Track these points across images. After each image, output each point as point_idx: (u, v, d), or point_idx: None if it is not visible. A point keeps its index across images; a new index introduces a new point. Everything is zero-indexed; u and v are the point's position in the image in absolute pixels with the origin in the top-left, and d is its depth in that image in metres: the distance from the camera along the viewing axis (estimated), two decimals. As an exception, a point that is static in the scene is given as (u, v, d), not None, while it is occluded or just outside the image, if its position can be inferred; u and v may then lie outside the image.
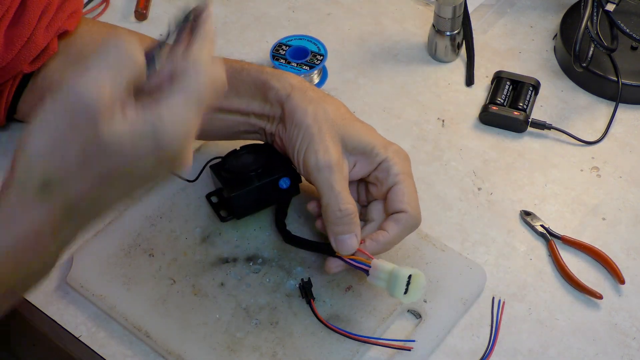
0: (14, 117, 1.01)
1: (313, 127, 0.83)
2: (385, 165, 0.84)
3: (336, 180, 0.82)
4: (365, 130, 0.86)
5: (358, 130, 0.85)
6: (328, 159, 0.82)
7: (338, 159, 0.82)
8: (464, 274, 0.89)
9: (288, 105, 0.85)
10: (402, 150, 0.86)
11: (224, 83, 0.67)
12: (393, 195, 0.84)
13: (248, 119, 0.89)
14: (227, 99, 0.88)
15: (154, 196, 0.96)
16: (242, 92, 0.88)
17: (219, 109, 0.89)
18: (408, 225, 0.84)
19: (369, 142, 0.85)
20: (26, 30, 0.90)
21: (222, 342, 0.85)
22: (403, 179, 0.84)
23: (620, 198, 0.98)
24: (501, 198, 0.98)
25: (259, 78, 0.87)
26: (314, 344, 0.84)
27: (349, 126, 0.85)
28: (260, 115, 0.88)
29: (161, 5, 1.20)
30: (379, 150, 0.84)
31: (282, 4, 1.20)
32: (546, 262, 0.92)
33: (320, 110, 0.84)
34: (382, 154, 0.84)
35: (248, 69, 0.89)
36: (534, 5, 1.19)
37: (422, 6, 1.19)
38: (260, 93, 0.87)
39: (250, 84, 0.88)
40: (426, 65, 1.12)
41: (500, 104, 1.05)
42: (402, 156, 0.85)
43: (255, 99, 0.88)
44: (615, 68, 1.06)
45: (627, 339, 0.86)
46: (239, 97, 0.88)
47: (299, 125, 0.84)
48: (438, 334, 0.85)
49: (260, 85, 0.87)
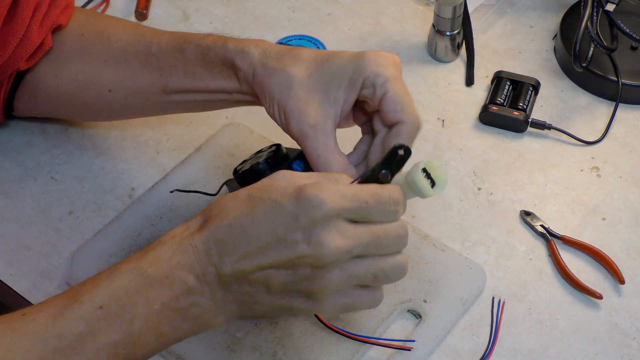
0: (12, 115, 1.01)
1: (281, 100, 0.81)
2: (368, 82, 0.79)
3: (315, 144, 0.79)
4: (334, 61, 0.81)
5: (328, 68, 0.81)
6: (302, 124, 0.80)
7: (315, 120, 0.80)
8: (464, 274, 0.89)
9: (256, 87, 0.83)
10: (377, 55, 0.80)
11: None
12: (385, 106, 0.79)
13: (229, 95, 0.88)
14: (203, 80, 0.88)
15: (153, 196, 0.96)
16: (215, 72, 0.87)
17: (198, 90, 0.88)
18: (409, 133, 0.80)
19: (342, 71, 0.80)
20: (20, 28, 0.90)
21: (222, 342, 0.84)
22: (390, 85, 0.79)
23: (620, 198, 0.98)
24: (501, 198, 0.98)
25: (225, 57, 0.85)
26: (314, 344, 0.84)
27: (316, 72, 0.81)
28: (240, 91, 0.87)
29: (161, 5, 1.20)
30: (354, 71, 0.80)
31: (282, 4, 1.20)
32: (546, 262, 0.92)
33: (283, 79, 0.81)
34: (359, 74, 0.80)
35: (213, 47, 0.86)
36: (534, 5, 1.19)
37: (422, 6, 1.19)
38: (232, 73, 0.86)
39: (219, 65, 0.86)
40: (426, 65, 1.12)
41: (500, 104, 1.05)
42: (380, 61, 0.80)
43: (228, 78, 0.86)
44: (615, 68, 1.06)
45: (627, 339, 0.86)
46: (214, 78, 0.87)
47: (271, 103, 0.82)
48: (438, 334, 0.85)
49: (229, 66, 0.85)
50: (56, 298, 0.71)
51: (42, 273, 0.92)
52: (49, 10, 0.92)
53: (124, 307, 0.69)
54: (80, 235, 0.95)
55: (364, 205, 0.69)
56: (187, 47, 0.88)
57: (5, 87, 0.95)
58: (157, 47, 0.90)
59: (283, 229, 0.68)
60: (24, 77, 0.96)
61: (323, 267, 0.69)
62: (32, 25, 0.91)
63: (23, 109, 0.99)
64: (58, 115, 1.02)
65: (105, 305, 0.69)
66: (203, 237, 0.70)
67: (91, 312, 0.69)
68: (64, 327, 0.68)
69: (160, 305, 0.70)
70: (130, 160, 1.02)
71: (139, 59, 0.91)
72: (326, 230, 0.68)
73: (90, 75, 0.94)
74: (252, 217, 0.69)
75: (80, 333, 0.68)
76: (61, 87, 0.95)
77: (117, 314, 0.69)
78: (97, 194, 0.99)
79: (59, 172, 1.01)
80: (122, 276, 0.70)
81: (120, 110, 0.96)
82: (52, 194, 0.99)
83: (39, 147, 1.03)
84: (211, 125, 1.05)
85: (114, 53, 0.93)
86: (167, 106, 0.93)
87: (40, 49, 0.93)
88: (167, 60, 0.89)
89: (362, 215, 0.70)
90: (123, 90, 0.93)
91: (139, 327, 0.69)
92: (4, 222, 0.96)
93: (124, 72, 0.92)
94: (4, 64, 0.91)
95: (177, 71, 0.89)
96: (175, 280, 0.70)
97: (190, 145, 1.03)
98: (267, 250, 0.69)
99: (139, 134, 1.04)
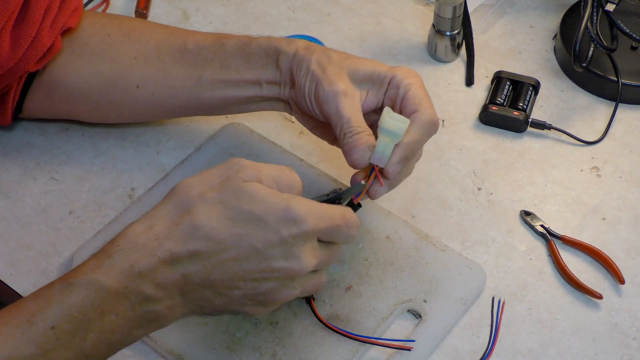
0: (18, 117, 1.01)
1: (317, 70, 0.85)
2: (394, 82, 0.85)
3: (344, 107, 0.83)
4: (371, 61, 0.87)
5: (363, 62, 0.87)
6: (334, 89, 0.84)
7: (345, 88, 0.84)
8: (464, 274, 0.89)
9: (295, 63, 0.87)
10: (410, 69, 0.86)
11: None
12: (405, 101, 0.84)
13: (261, 89, 0.91)
14: (239, 71, 0.91)
15: (154, 196, 0.96)
16: (253, 62, 0.90)
17: (231, 81, 0.92)
18: (423, 123, 0.83)
19: (375, 69, 0.86)
20: (31, 30, 0.90)
21: (222, 342, 0.85)
22: (414, 87, 0.84)
23: (620, 198, 0.98)
24: (501, 198, 0.98)
25: (269, 46, 0.89)
26: (314, 344, 0.84)
27: (353, 61, 0.86)
28: (272, 82, 0.90)
29: (161, 5, 1.20)
30: (386, 72, 0.86)
31: (282, 4, 1.20)
32: (546, 262, 0.92)
33: (323, 56, 0.86)
34: (389, 73, 0.85)
35: (257, 39, 0.91)
36: (534, 5, 1.19)
37: (422, 6, 1.19)
38: (272, 60, 0.89)
39: (260, 54, 0.90)
40: (426, 65, 1.12)
41: (500, 104, 1.05)
42: (411, 73, 0.86)
43: (267, 67, 0.90)
44: (615, 68, 1.06)
45: (627, 339, 0.86)
46: (250, 68, 0.90)
47: (305, 74, 0.86)
48: (438, 334, 0.85)
49: (271, 53, 0.89)
50: (7, 314, 0.69)
51: (42, 273, 0.92)
52: (59, 12, 0.93)
53: (77, 325, 0.68)
54: (80, 235, 0.95)
55: (335, 228, 0.74)
56: (226, 42, 0.92)
57: (15, 89, 0.96)
58: (194, 44, 0.93)
59: (262, 243, 0.71)
60: (38, 78, 0.96)
61: (290, 282, 0.73)
62: (43, 28, 0.91)
63: (34, 110, 0.99)
64: (73, 117, 1.02)
65: (57, 326, 0.68)
66: (172, 243, 0.70)
67: (43, 334, 0.68)
68: (15, 349, 0.67)
69: (114, 316, 0.69)
70: (130, 160, 1.02)
71: (173, 55, 0.94)
72: (303, 248, 0.72)
73: (117, 72, 0.95)
74: (230, 229, 0.70)
75: (31, 355, 0.67)
76: (83, 85, 0.96)
77: (70, 333, 0.68)
78: (97, 194, 0.99)
79: (59, 172, 1.01)
80: (76, 292, 0.69)
81: (145, 108, 0.97)
82: (52, 194, 0.99)
83: (39, 147, 1.03)
84: (211, 125, 1.04)
85: (145, 50, 0.95)
86: (194, 103, 0.94)
87: (50, 51, 0.93)
88: (204, 54, 0.92)
89: (331, 236, 0.75)
90: (151, 86, 0.94)
91: (91, 342, 0.69)
92: (4, 222, 0.96)
93: (155, 68, 0.94)
94: (14, 65, 0.91)
95: (214, 64, 0.92)
96: (132, 291, 0.70)
97: (190, 145, 1.03)
98: (242, 262, 0.71)
99: (139, 134, 1.04)
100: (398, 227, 0.93)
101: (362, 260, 0.90)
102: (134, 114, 1.00)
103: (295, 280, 0.74)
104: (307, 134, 0.98)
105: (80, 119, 1.02)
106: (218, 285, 0.72)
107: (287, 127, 1.05)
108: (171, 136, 1.04)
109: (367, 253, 0.91)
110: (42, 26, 0.91)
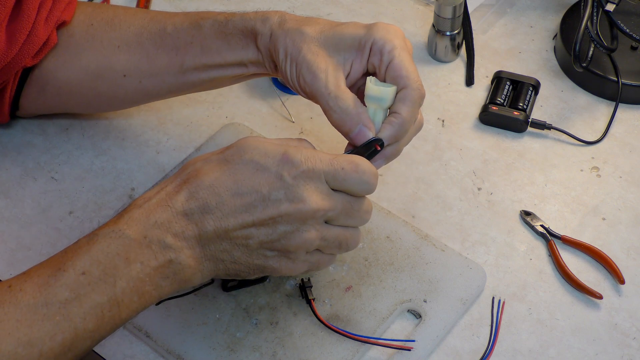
0: (16, 115, 1.01)
1: (294, 53, 0.85)
2: (375, 48, 0.83)
3: (326, 84, 0.82)
4: (346, 27, 0.85)
5: (340, 31, 0.85)
6: (313, 70, 0.83)
7: (325, 66, 0.83)
8: (463, 274, 0.89)
9: (272, 45, 0.87)
10: (388, 26, 0.84)
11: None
12: (390, 72, 0.83)
13: (246, 68, 0.91)
14: (220, 54, 0.90)
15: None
16: (233, 44, 0.90)
17: (214, 64, 0.91)
18: (413, 99, 0.82)
19: (352, 35, 0.84)
20: (26, 25, 0.90)
21: (222, 342, 0.85)
22: (396, 53, 0.83)
23: (620, 198, 0.98)
24: (501, 198, 0.98)
25: (245, 26, 0.89)
26: (314, 344, 0.84)
27: (329, 32, 0.85)
28: (256, 62, 0.90)
29: (161, 6, 1.20)
30: (364, 36, 0.84)
31: (282, 4, 1.20)
32: (546, 262, 0.92)
33: (297, 36, 0.85)
34: (368, 38, 0.83)
35: (232, 19, 0.90)
36: (534, 5, 1.19)
37: (422, 6, 1.19)
38: (251, 41, 0.89)
39: (238, 35, 0.89)
40: (426, 65, 1.12)
41: (500, 104, 1.05)
42: (389, 31, 0.84)
43: (247, 48, 0.89)
44: (615, 68, 1.06)
45: (627, 339, 0.86)
46: (231, 49, 0.90)
47: (284, 58, 0.85)
48: (438, 334, 0.85)
49: (248, 34, 0.89)
50: (39, 267, 0.73)
51: (42, 273, 0.92)
52: (53, 6, 0.93)
53: (105, 270, 0.72)
54: (80, 235, 0.94)
55: (340, 171, 0.75)
56: (203, 23, 0.91)
57: (11, 85, 0.96)
58: (172, 27, 0.93)
59: (267, 187, 0.74)
60: (31, 74, 0.96)
61: (302, 225, 0.75)
62: (38, 22, 0.91)
63: (30, 107, 0.99)
64: (68, 110, 1.02)
65: (87, 271, 0.71)
66: (182, 198, 0.74)
67: (75, 279, 0.71)
68: (50, 295, 0.70)
69: (140, 265, 0.72)
70: (130, 160, 1.02)
71: (154, 41, 0.93)
72: (307, 189, 0.74)
73: (103, 64, 0.95)
74: (234, 178, 0.74)
75: (66, 299, 0.70)
76: (72, 79, 0.96)
77: (100, 278, 0.71)
78: (97, 194, 0.99)
79: (59, 172, 1.01)
80: (101, 240, 0.73)
81: (135, 96, 0.97)
82: (52, 194, 0.99)
83: (39, 147, 1.03)
84: (211, 125, 1.05)
85: (126, 38, 0.94)
86: (183, 86, 0.95)
87: (46, 46, 0.93)
88: (183, 38, 0.92)
89: (339, 180, 0.76)
90: (138, 74, 0.94)
91: (121, 288, 0.72)
92: (4, 222, 0.96)
93: (138, 56, 0.94)
94: (11, 61, 0.91)
95: (194, 47, 0.91)
96: (153, 240, 0.73)
97: (190, 145, 1.03)
98: (250, 208, 0.74)
99: (139, 134, 1.04)
100: (398, 227, 0.93)
101: (362, 260, 0.90)
102: (125, 102, 1.00)
103: (307, 223, 0.75)
104: (307, 133, 0.98)
105: (74, 111, 1.03)
106: (232, 234, 0.74)
107: (287, 127, 1.05)
108: (171, 136, 1.04)
109: (367, 253, 0.91)
110: (37, 20, 0.91)
